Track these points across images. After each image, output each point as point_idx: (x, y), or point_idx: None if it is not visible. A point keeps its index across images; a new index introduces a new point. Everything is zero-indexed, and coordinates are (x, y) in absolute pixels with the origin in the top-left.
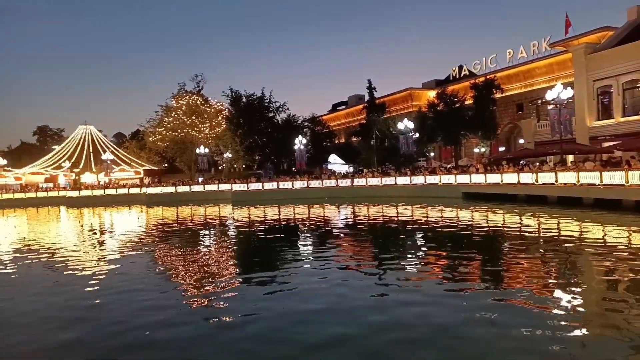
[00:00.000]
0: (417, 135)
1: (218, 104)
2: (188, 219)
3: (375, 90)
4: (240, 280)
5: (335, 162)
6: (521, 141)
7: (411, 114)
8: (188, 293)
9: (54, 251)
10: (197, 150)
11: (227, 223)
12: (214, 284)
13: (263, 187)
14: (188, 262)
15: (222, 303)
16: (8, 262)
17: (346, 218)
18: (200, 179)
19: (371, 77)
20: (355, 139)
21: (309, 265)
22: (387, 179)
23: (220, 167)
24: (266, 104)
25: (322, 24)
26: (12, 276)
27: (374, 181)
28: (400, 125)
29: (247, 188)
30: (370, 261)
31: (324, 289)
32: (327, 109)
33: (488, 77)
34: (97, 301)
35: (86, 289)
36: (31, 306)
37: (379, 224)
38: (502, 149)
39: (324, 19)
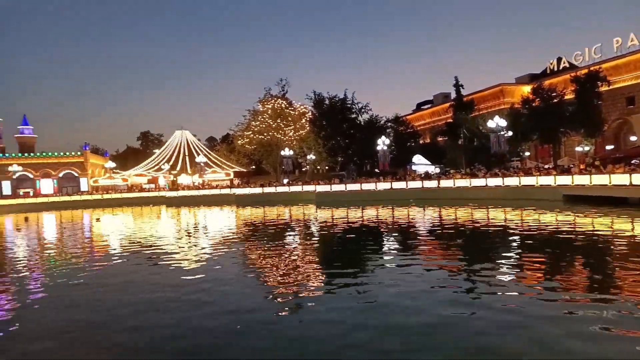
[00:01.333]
0: (510, 133)
1: (302, 107)
2: (274, 219)
3: (463, 88)
4: (322, 281)
5: (420, 163)
6: (633, 138)
7: (502, 111)
8: (274, 292)
9: (157, 246)
10: (282, 153)
11: (311, 223)
12: (298, 284)
13: (346, 189)
14: (274, 260)
15: (309, 303)
16: (118, 255)
17: (432, 221)
18: (285, 180)
19: (458, 75)
20: (441, 139)
21: (392, 271)
22: (477, 180)
23: (304, 169)
24: (349, 106)
25: (407, 21)
26: (131, 268)
27: (462, 182)
28: (491, 123)
29: (330, 189)
30: (460, 269)
31: (409, 299)
32: (411, 108)
33: (592, 68)
34: (190, 291)
35: (186, 279)
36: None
37: (468, 228)
38: (609, 147)
39: (408, 17)
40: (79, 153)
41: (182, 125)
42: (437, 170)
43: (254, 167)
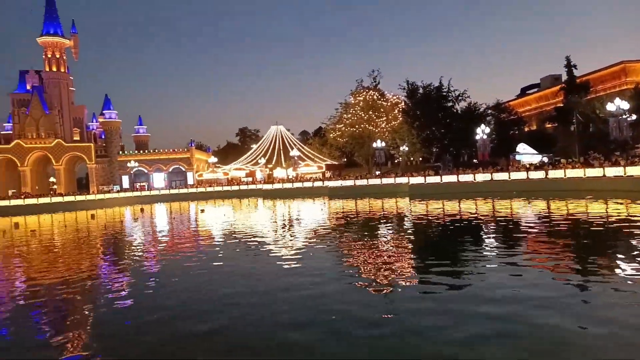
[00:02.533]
0: (634, 117)
1: (394, 98)
2: (366, 211)
3: (576, 68)
4: (416, 277)
5: (525, 152)
6: None
7: (624, 92)
8: (368, 285)
9: (256, 236)
10: (374, 144)
11: (404, 216)
12: (390, 280)
13: (441, 180)
14: (366, 253)
15: (404, 301)
16: (221, 244)
17: (539, 216)
18: (377, 173)
19: (570, 54)
20: (549, 125)
21: (493, 272)
22: (593, 170)
23: (397, 161)
24: (444, 94)
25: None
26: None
27: (575, 173)
28: (611, 106)
29: (425, 181)
30: (575, 273)
31: (514, 305)
32: (515, 93)
33: None
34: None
35: (283, 269)
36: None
37: (584, 224)
38: None
39: None
40: (185, 149)
41: (277, 121)
42: (545, 159)
43: (345, 159)
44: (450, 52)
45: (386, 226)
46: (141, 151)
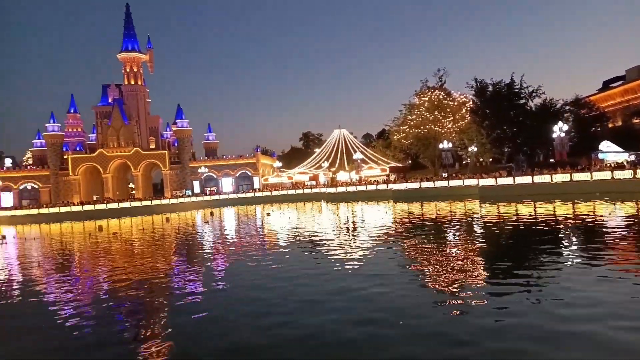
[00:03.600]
0: None
1: (461, 97)
2: (433, 215)
3: None
4: (487, 286)
5: (610, 150)
6: None
7: None
8: (435, 293)
9: (320, 239)
10: (441, 146)
11: (473, 220)
12: (460, 287)
13: (514, 182)
14: (433, 259)
15: (476, 307)
16: (286, 247)
17: (627, 219)
18: (444, 174)
19: None
20: (637, 121)
21: (575, 282)
22: None
23: (465, 162)
24: (516, 91)
25: None
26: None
27: None
28: None
29: (496, 183)
30: None
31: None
32: (596, 88)
33: None
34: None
35: (345, 273)
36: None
37: None
38: None
39: None
40: (251, 155)
41: (340, 124)
42: (633, 157)
43: (410, 161)
44: (521, 46)
45: (455, 230)
46: (210, 157)
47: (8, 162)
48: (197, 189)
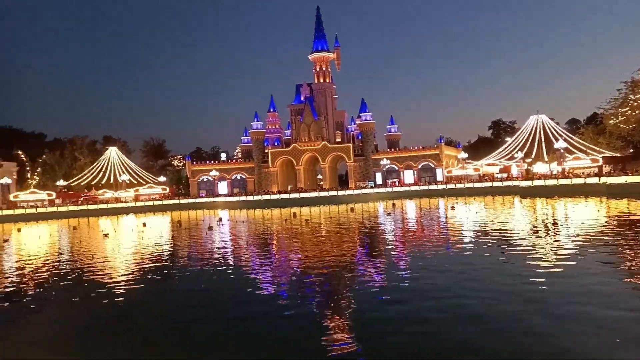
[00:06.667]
0: None
1: None
2: None
3: None
4: None
5: None
6: None
7: None
8: None
9: (511, 237)
10: None
11: None
12: None
13: None
14: None
15: None
16: (470, 244)
17: None
18: None
19: None
20: None
21: None
22: None
23: None
24: None
25: None
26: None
27: None
28: None
29: None
30: None
31: None
32: None
33: None
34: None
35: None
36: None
37: None
38: None
39: None
40: (435, 146)
41: (538, 110)
42: None
43: (632, 150)
44: None
45: None
46: (392, 149)
47: (223, 156)
48: (379, 181)
